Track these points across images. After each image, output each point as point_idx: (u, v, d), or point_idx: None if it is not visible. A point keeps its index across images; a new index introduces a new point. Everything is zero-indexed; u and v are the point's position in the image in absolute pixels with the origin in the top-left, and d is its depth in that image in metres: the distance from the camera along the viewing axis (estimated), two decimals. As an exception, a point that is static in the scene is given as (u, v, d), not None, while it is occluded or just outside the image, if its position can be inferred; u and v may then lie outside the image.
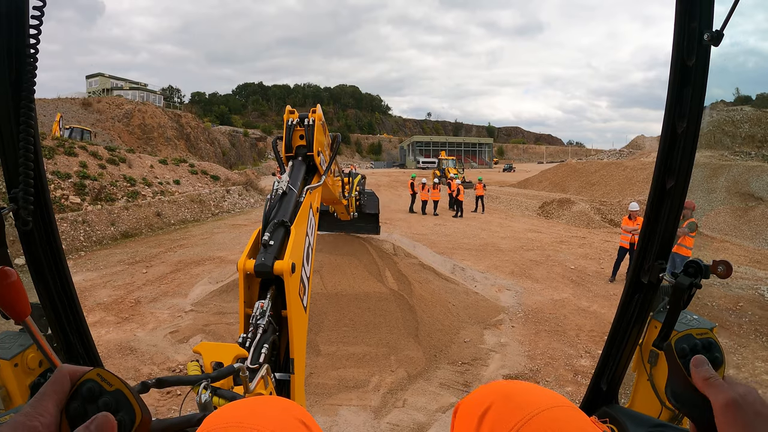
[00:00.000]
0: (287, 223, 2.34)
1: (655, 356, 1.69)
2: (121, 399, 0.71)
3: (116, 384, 0.72)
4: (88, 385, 0.70)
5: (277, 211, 2.46)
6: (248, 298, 2.17)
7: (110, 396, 0.71)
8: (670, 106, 1.40)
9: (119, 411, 0.70)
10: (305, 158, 3.08)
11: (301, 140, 3.10)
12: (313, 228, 2.84)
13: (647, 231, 1.55)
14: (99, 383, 0.71)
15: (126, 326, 8.20)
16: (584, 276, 11.80)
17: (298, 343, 2.15)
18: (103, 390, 0.71)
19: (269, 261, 2.07)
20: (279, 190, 2.58)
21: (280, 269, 2.05)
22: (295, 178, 2.83)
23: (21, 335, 1.50)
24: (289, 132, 3.09)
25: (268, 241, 2.16)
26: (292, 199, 2.60)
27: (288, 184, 2.64)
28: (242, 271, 2.09)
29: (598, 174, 37.64)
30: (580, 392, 6.04)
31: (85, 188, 18.75)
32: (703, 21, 1.29)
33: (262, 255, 2.10)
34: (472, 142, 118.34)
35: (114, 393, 0.71)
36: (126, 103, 52.47)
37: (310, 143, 3.08)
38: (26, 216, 1.24)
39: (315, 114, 3.16)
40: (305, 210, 2.63)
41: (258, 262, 2.07)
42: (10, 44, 1.21)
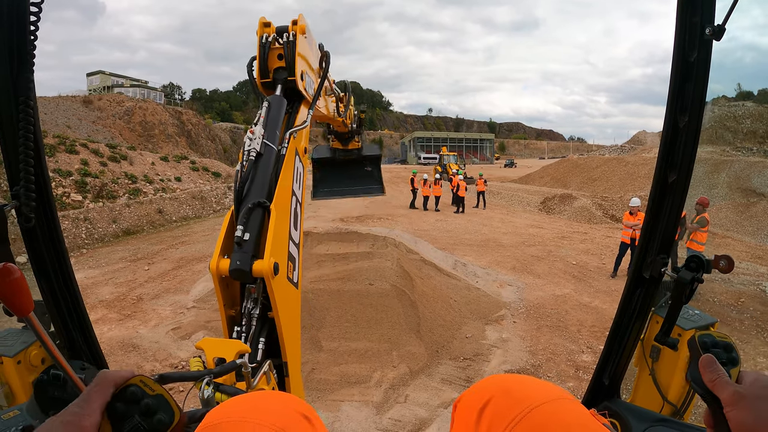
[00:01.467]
0: (265, 203, 1.85)
1: (656, 351, 1.70)
2: (162, 401, 0.80)
3: (157, 389, 0.81)
4: (131, 389, 0.79)
5: (250, 184, 1.92)
6: (229, 299, 1.87)
7: (152, 399, 0.80)
8: (672, 101, 1.40)
9: (159, 411, 0.79)
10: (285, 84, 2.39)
11: (279, 61, 2.39)
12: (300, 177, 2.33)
13: (649, 226, 1.55)
14: (141, 388, 0.80)
15: (128, 323, 8.23)
16: (585, 271, 11.79)
17: (290, 344, 1.91)
18: (145, 393, 0.80)
19: (246, 263, 1.71)
20: (251, 151, 1.98)
21: (260, 271, 1.70)
22: (273, 123, 2.19)
23: (24, 332, 1.51)
24: (264, 51, 2.35)
25: (242, 236, 1.74)
26: (271, 160, 2.04)
27: (263, 139, 2.05)
28: (216, 274, 1.74)
29: (600, 169, 37.59)
30: (582, 387, 6.05)
31: (87, 186, 18.78)
32: (705, 16, 1.29)
33: (237, 255, 1.72)
34: (473, 138, 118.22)
35: (155, 396, 0.80)
36: (127, 100, 52.43)
37: (291, 64, 2.36)
38: (28, 213, 1.24)
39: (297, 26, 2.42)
40: (290, 161, 2.14)
41: (232, 266, 1.70)
42: (11, 42, 1.22)
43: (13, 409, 1.27)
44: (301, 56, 2.46)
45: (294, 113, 2.40)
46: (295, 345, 1.99)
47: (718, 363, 0.84)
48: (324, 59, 2.91)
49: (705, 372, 0.82)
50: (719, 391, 0.79)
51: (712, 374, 0.81)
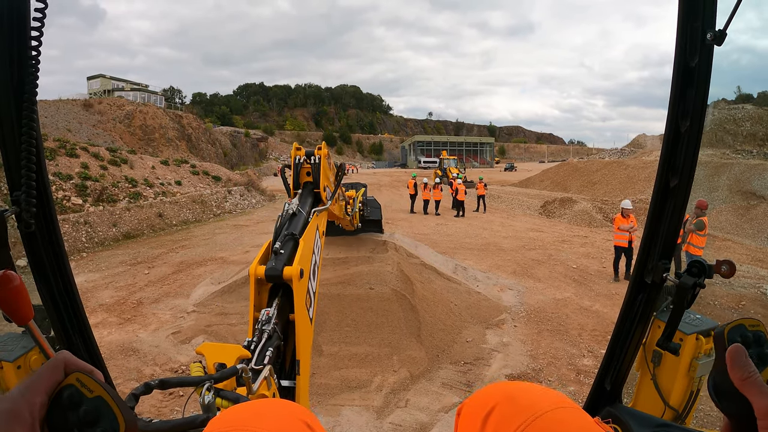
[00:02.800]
0: (296, 235, 2.52)
1: (658, 356, 1.69)
2: (101, 406, 0.65)
3: (96, 390, 0.65)
4: (68, 390, 0.65)
5: (288, 226, 2.67)
6: (258, 303, 2.26)
7: (90, 403, 0.65)
8: (673, 106, 1.40)
9: (100, 420, 0.64)
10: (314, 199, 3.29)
11: (308, 177, 3.34)
12: (319, 248, 2.99)
13: (650, 230, 1.55)
14: (79, 388, 0.65)
15: (128, 327, 8.22)
16: (586, 275, 11.78)
17: (304, 345, 2.21)
18: (83, 397, 0.65)
19: (279, 266, 2.18)
20: (290, 210, 2.82)
21: (289, 274, 2.15)
22: (304, 202, 3.06)
23: (24, 337, 1.50)
24: (297, 169, 3.31)
25: (279, 249, 2.31)
26: (301, 218, 2.82)
27: (298, 206, 2.89)
28: (253, 276, 2.18)
29: (600, 173, 37.60)
30: (583, 392, 6.03)
31: (87, 189, 18.80)
32: (706, 21, 1.29)
33: (272, 261, 2.23)
34: (473, 142, 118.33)
35: (94, 399, 0.65)
36: (127, 104, 52.48)
37: (316, 180, 3.32)
38: (29, 218, 1.24)
39: (321, 151, 3.37)
40: (312, 229, 2.80)
41: (269, 267, 2.18)
42: (11, 47, 1.22)
43: None
44: (323, 174, 3.38)
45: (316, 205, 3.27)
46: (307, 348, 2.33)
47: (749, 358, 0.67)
48: (339, 171, 3.97)
49: (734, 367, 0.66)
50: (755, 395, 0.63)
51: (743, 371, 0.65)
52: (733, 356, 0.67)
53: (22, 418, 0.59)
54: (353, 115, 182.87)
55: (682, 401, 1.68)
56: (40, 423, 0.62)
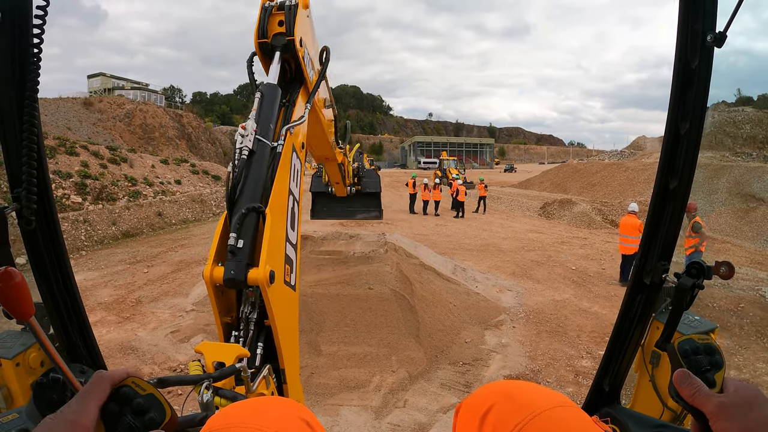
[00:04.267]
0: (260, 207, 1.78)
1: (657, 357, 1.69)
2: (153, 400, 0.81)
3: (148, 389, 0.82)
4: (123, 389, 0.80)
5: (243, 186, 1.84)
6: (224, 307, 1.83)
7: (143, 398, 0.81)
8: (673, 108, 1.40)
9: (150, 410, 0.80)
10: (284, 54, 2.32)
11: (279, 27, 2.33)
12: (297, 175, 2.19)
13: (650, 232, 1.55)
14: (133, 388, 0.81)
15: (127, 326, 8.21)
16: (585, 277, 11.78)
17: (287, 351, 1.87)
18: (136, 393, 0.81)
19: (240, 272, 1.66)
20: (243, 149, 1.87)
21: (255, 279, 1.65)
22: (267, 117, 2.04)
23: (23, 334, 1.50)
24: (265, 15, 2.32)
25: (236, 244, 1.68)
26: (264, 159, 1.92)
27: (255, 134, 1.92)
28: (210, 282, 1.70)
29: (600, 175, 37.62)
30: (581, 393, 6.04)
31: (87, 188, 18.78)
32: (707, 22, 1.29)
33: (231, 264, 1.67)
34: (473, 143, 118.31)
35: (147, 396, 0.81)
36: (127, 102, 52.50)
37: (290, 28, 2.30)
38: (29, 215, 1.24)
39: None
40: (286, 159, 2.01)
41: (227, 276, 1.66)
42: (13, 45, 1.22)
43: (12, 412, 1.26)
44: (302, 25, 2.40)
45: (291, 106, 2.30)
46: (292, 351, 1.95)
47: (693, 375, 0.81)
48: (324, 53, 2.85)
49: (682, 388, 0.80)
50: (701, 404, 0.77)
51: (690, 389, 0.79)
52: (678, 379, 0.81)
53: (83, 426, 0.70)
54: (353, 115, 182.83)
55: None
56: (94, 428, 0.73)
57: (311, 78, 2.55)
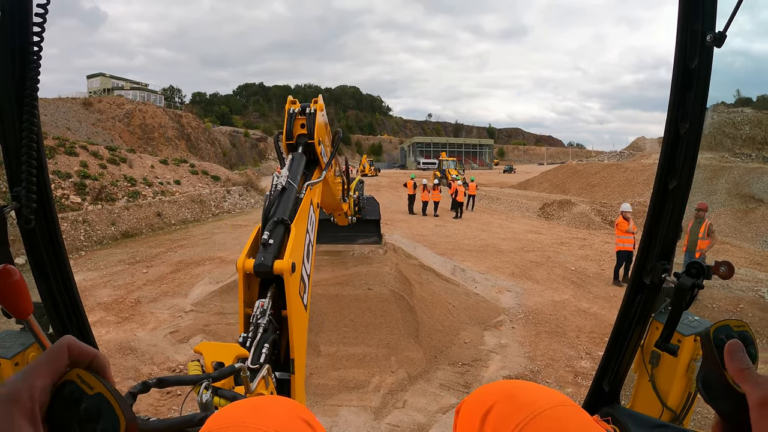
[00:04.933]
0: (287, 221, 2.26)
1: (656, 357, 1.70)
2: (102, 403, 0.63)
3: (97, 387, 0.64)
4: (69, 387, 0.63)
5: (276, 207, 2.37)
6: (248, 298, 2.12)
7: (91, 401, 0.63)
8: (673, 108, 1.40)
9: (100, 418, 0.62)
10: (306, 147, 3.00)
11: (302, 129, 3.03)
12: (313, 225, 2.75)
13: (649, 232, 1.55)
14: (79, 385, 0.63)
15: (126, 326, 8.20)
16: (584, 277, 11.79)
17: (298, 342, 2.11)
18: (83, 393, 0.63)
19: (269, 260, 2.02)
20: (278, 185, 2.48)
21: (280, 269, 1.99)
22: (295, 172, 2.71)
23: (22, 334, 1.50)
24: (291, 120, 3.03)
25: (268, 240, 2.11)
26: (292, 195, 2.50)
27: (287, 178, 2.55)
28: (242, 270, 2.05)
29: (599, 175, 37.66)
30: (581, 393, 6.04)
31: (86, 188, 18.77)
32: (706, 22, 1.29)
33: (261, 254, 2.05)
34: (472, 144, 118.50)
35: (94, 397, 0.63)
36: (127, 103, 52.43)
37: (311, 131, 3.01)
38: (28, 214, 1.24)
39: (317, 104, 3.13)
40: (305, 207, 2.56)
41: (257, 262, 2.02)
42: (13, 44, 1.22)
43: None
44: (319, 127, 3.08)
45: (310, 175, 2.98)
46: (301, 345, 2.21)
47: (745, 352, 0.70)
48: (336, 136, 3.65)
49: (731, 360, 0.69)
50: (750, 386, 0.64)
51: (740, 363, 0.68)
52: (731, 350, 0.70)
53: (22, 403, 0.57)
54: (352, 116, 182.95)
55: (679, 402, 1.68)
56: (41, 408, 0.59)
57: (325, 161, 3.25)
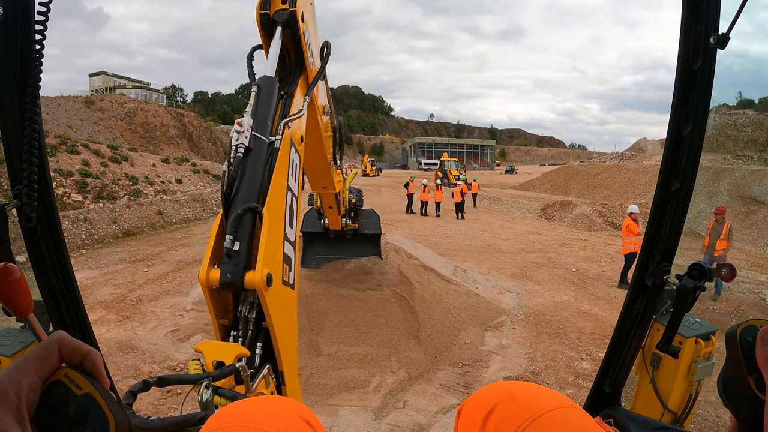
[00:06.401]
0: (256, 207, 1.68)
1: (657, 359, 1.69)
2: (91, 404, 0.62)
3: (86, 387, 0.62)
4: (58, 387, 0.62)
5: (239, 184, 1.74)
6: (221, 308, 1.75)
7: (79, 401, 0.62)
8: (676, 109, 1.40)
9: (89, 419, 0.62)
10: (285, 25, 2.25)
11: (282, 4, 2.27)
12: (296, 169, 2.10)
13: (652, 233, 1.55)
14: (67, 385, 0.62)
15: (127, 324, 8.21)
16: (586, 278, 11.78)
17: (286, 354, 1.81)
18: (71, 394, 0.62)
19: (237, 275, 1.58)
20: (239, 146, 1.77)
21: (253, 283, 1.57)
22: (264, 112, 1.93)
23: (22, 332, 1.50)
24: None
25: (232, 246, 1.61)
26: (262, 157, 1.82)
27: (252, 131, 1.82)
28: (206, 285, 1.62)
29: (600, 177, 37.62)
30: (581, 395, 6.03)
31: (87, 186, 18.80)
32: (710, 24, 1.29)
33: (227, 267, 1.60)
34: (474, 144, 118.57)
35: (83, 397, 0.62)
36: (129, 101, 52.54)
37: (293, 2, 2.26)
38: (30, 212, 1.24)
39: None
40: (284, 155, 1.92)
41: (223, 279, 1.59)
42: (15, 44, 1.22)
43: None
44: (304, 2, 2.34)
45: (289, 98, 2.17)
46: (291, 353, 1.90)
47: None
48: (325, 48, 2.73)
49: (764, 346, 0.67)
50: None
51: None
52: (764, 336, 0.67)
53: (7, 400, 0.56)
54: (354, 115, 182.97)
55: (680, 404, 1.68)
56: (29, 406, 0.58)
57: (312, 64, 2.43)
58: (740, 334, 0.76)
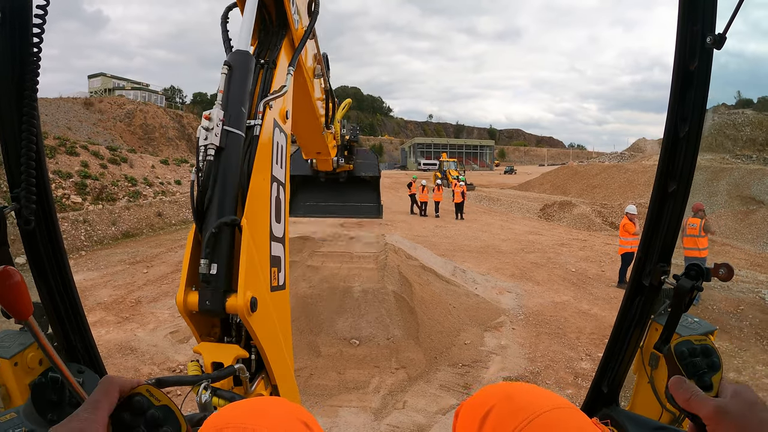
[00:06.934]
0: (233, 221, 1.45)
1: (655, 359, 1.69)
2: (168, 412, 0.75)
3: (164, 400, 0.76)
4: (137, 398, 0.74)
5: (211, 195, 1.47)
6: (204, 328, 1.60)
7: (158, 409, 0.75)
8: (673, 110, 1.40)
9: (165, 423, 0.74)
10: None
11: None
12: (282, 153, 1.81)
13: (649, 234, 1.55)
14: (148, 398, 0.75)
15: (126, 326, 8.20)
16: (585, 279, 11.78)
17: (279, 370, 1.69)
18: (151, 404, 0.75)
19: (217, 302, 1.41)
20: (209, 147, 1.46)
21: (234, 309, 1.41)
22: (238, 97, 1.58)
23: (21, 334, 1.50)
24: None
25: (208, 271, 1.40)
26: (237, 154, 1.52)
27: (224, 126, 1.49)
28: (184, 311, 1.45)
29: (599, 177, 37.64)
30: (581, 395, 6.03)
31: (87, 188, 18.78)
32: (706, 24, 1.29)
33: (205, 293, 1.42)
34: (473, 145, 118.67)
35: (161, 407, 0.75)
36: (128, 103, 52.61)
37: None
38: (28, 215, 1.24)
39: None
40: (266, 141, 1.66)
41: (202, 307, 1.42)
42: (13, 44, 1.22)
43: (10, 411, 1.26)
44: None
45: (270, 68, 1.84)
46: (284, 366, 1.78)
47: (687, 381, 0.81)
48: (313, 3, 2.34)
49: (677, 394, 0.80)
50: (697, 409, 0.76)
51: (685, 393, 0.79)
52: (674, 385, 0.81)
53: None
54: (353, 116, 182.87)
55: (679, 405, 1.68)
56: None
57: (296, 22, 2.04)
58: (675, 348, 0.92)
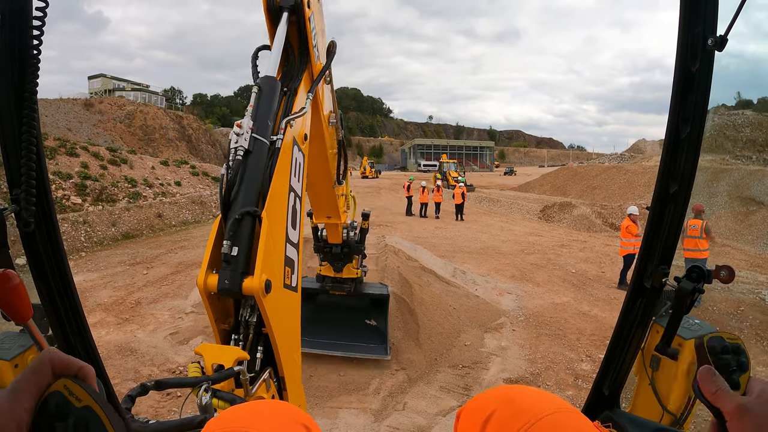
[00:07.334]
0: (255, 211, 1.64)
1: (656, 361, 1.69)
2: (91, 417, 0.60)
3: (85, 399, 0.61)
4: (56, 398, 0.60)
5: (238, 189, 1.69)
6: (221, 313, 1.74)
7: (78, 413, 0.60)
8: (674, 111, 1.40)
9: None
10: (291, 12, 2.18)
11: None
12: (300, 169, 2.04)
13: (650, 235, 1.55)
14: (66, 397, 0.60)
15: (126, 327, 8.19)
16: (585, 280, 11.78)
17: (287, 360, 1.79)
18: (70, 406, 0.60)
19: (235, 282, 1.56)
20: (239, 149, 1.71)
21: (250, 289, 1.56)
22: (265, 113, 1.85)
23: (21, 336, 1.50)
24: None
25: (230, 252, 1.58)
26: (262, 159, 1.76)
27: (252, 133, 1.75)
28: (204, 291, 1.62)
29: (600, 178, 37.65)
30: (581, 396, 6.02)
31: (87, 189, 18.79)
32: (707, 26, 1.29)
33: (225, 273, 1.58)
34: (473, 146, 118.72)
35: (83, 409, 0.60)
36: (128, 104, 52.61)
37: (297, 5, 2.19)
38: (28, 217, 1.24)
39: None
40: (286, 154, 1.86)
41: (221, 285, 1.57)
42: (12, 45, 1.22)
43: None
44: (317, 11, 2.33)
45: (292, 95, 2.11)
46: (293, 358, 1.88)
47: (717, 374, 0.82)
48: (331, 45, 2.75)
49: (704, 385, 0.81)
50: (721, 403, 0.77)
51: (712, 386, 0.80)
52: (703, 375, 0.82)
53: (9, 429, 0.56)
54: (353, 117, 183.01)
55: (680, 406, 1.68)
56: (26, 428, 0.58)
57: (317, 58, 2.36)
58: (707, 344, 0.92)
